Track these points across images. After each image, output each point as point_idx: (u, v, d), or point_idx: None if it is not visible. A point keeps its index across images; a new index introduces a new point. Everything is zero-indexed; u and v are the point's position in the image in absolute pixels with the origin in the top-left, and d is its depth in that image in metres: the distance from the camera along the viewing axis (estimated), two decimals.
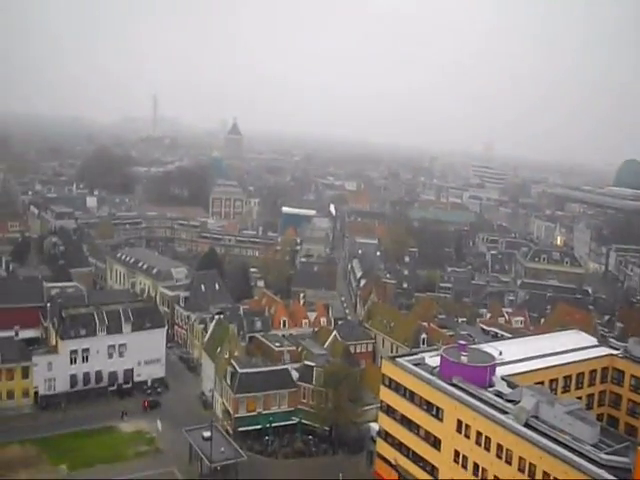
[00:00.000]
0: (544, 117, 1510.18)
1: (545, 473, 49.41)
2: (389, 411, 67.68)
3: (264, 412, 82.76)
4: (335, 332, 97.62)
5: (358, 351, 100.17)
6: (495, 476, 54.14)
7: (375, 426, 72.55)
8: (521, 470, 51.58)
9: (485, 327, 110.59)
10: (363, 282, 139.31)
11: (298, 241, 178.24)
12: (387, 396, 68.03)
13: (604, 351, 75.27)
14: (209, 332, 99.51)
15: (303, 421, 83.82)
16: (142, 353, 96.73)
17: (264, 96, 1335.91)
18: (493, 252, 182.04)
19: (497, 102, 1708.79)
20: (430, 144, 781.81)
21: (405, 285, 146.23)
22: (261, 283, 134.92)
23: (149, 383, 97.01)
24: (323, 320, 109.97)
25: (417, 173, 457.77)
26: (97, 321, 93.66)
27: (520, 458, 51.85)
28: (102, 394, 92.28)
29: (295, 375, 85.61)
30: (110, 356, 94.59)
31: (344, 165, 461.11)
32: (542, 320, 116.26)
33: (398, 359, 68.89)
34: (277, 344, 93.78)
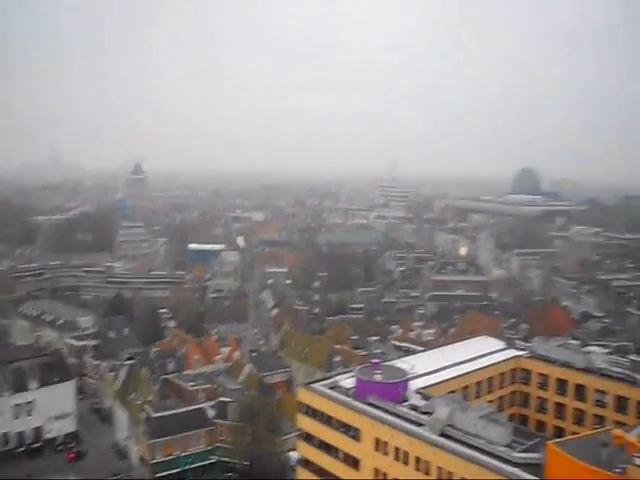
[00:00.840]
0: (446, 134, 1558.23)
1: (462, 479, 49.96)
2: (307, 438, 66.93)
3: (182, 455, 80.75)
4: (249, 365, 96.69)
5: (274, 381, 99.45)
6: None
7: (295, 455, 71.73)
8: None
9: (397, 343, 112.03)
10: (275, 312, 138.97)
11: (207, 277, 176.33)
12: (305, 423, 67.31)
13: (511, 353, 77.17)
14: (120, 379, 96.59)
15: (222, 459, 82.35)
16: (51, 409, 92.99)
17: (169, 134, 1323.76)
18: (401, 269, 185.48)
19: (402, 121, 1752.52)
20: (337, 169, 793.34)
21: (317, 310, 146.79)
22: (172, 323, 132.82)
23: (60, 439, 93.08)
24: (236, 354, 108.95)
25: (324, 198, 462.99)
26: (1, 380, 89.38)
27: (439, 468, 52.13)
28: (9, 457, 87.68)
29: (211, 413, 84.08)
30: (16, 416, 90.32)
31: (252, 196, 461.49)
32: (452, 330, 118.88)
33: (313, 385, 68.33)
34: (191, 384, 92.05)
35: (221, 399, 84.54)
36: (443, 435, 53.38)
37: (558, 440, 48.62)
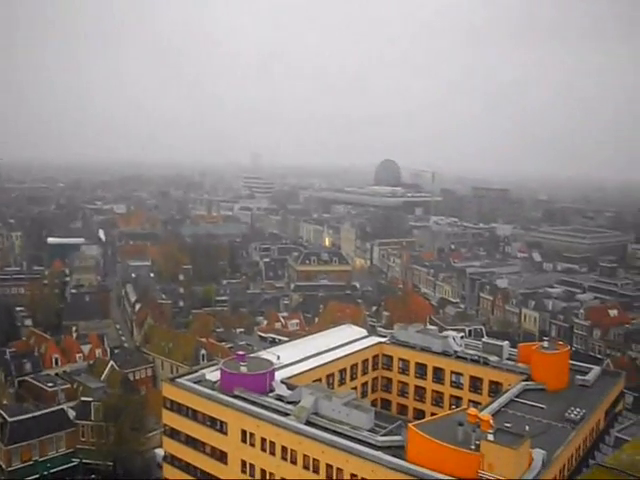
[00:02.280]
0: (311, 124, 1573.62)
1: (328, 465, 50.97)
2: (173, 434, 65.89)
3: (41, 459, 77.13)
4: (112, 362, 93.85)
5: (138, 378, 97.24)
6: (282, 478, 54.88)
7: (161, 452, 70.50)
8: (306, 467, 52.72)
9: (263, 334, 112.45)
10: (138, 306, 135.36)
11: (67, 272, 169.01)
12: (170, 419, 66.19)
13: (373, 340, 79.44)
14: None
15: (85, 461, 79.39)
16: None
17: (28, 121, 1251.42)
18: (266, 260, 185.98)
19: (269, 111, 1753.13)
20: (202, 157, 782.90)
21: (181, 303, 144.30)
22: (29, 322, 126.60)
23: None
24: (98, 351, 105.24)
25: (188, 189, 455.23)
26: None
27: (304, 456, 52.96)
28: None
29: (72, 414, 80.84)
30: None
31: (113, 188, 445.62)
32: (316, 319, 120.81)
33: (178, 379, 67.23)
34: (50, 384, 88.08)
35: (83, 399, 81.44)
36: (308, 423, 54.18)
37: (418, 422, 50.65)
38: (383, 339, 79.30)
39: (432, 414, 65.96)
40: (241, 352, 69.31)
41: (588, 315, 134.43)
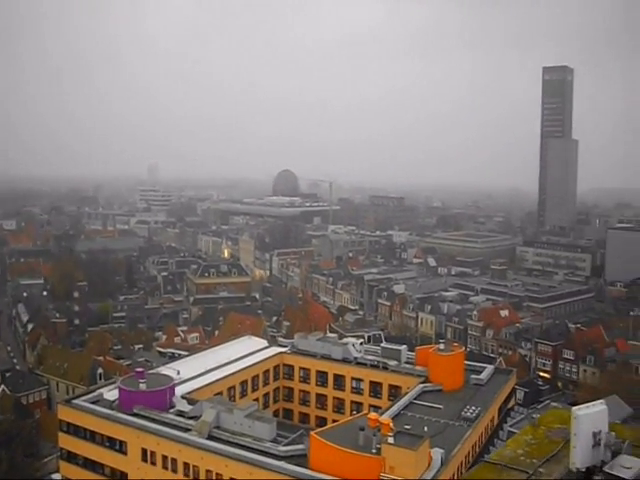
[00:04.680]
0: (208, 136, 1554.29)
1: (231, 479, 50.79)
2: (70, 457, 63.67)
3: None
4: (2, 386, 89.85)
5: (31, 401, 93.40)
6: None
7: (58, 477, 68.08)
8: None
9: (162, 350, 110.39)
10: (30, 326, 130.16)
11: None
12: (67, 442, 63.99)
13: (274, 350, 79.61)
14: None
15: None
16: None
17: None
18: (164, 274, 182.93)
19: (160, 124, 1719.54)
20: (94, 171, 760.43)
21: (77, 321, 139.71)
22: None
23: None
24: None
25: (82, 204, 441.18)
26: None
27: (207, 471, 52.47)
28: None
29: None
30: None
31: (2, 203, 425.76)
32: (216, 332, 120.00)
33: (74, 401, 65.09)
34: None
35: None
36: (210, 438, 53.76)
37: (320, 429, 51.25)
38: (284, 349, 79.59)
39: (334, 421, 66.68)
40: (140, 369, 67.84)
41: (481, 316, 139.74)
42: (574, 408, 8.09)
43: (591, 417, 7.83)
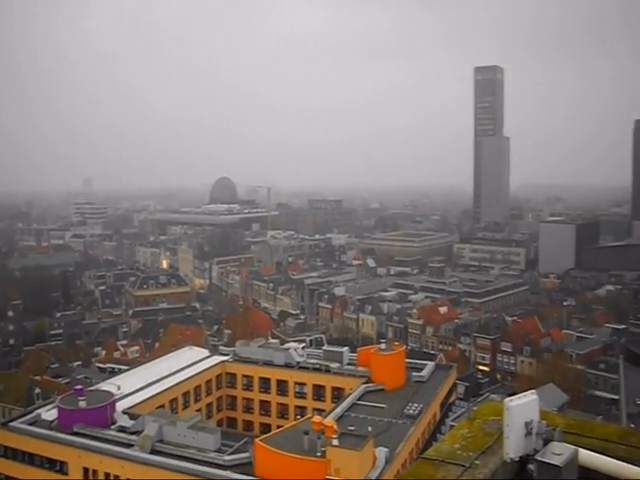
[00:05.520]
0: (143, 146, 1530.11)
1: None
2: None
3: None
4: None
5: None
6: None
7: None
8: None
9: (101, 365, 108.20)
10: None
11: None
12: (4, 466, 61.94)
13: (216, 359, 79.08)
14: None
15: None
16: None
17: None
18: (102, 288, 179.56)
19: (93, 137, 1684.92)
20: (25, 186, 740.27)
21: (12, 341, 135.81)
22: None
23: None
24: None
25: (14, 220, 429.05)
26: None
27: None
28: None
29: None
30: None
31: None
32: (157, 344, 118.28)
33: (11, 423, 63.23)
34: None
35: None
36: (154, 452, 52.94)
37: (264, 436, 51.01)
38: (226, 357, 79.16)
39: (278, 427, 66.50)
40: (78, 386, 66.41)
41: (420, 314, 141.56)
42: (506, 399, 8.17)
43: (523, 407, 7.90)
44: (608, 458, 7.30)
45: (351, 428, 50.11)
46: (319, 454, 44.96)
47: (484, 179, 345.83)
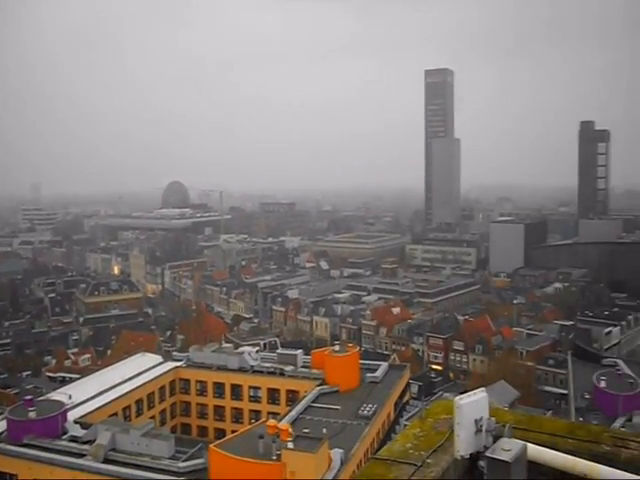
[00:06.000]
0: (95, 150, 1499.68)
1: None
2: None
3: None
4: None
5: None
6: None
7: None
8: None
9: (52, 374, 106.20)
10: None
11: None
12: None
13: (169, 365, 78.32)
14: None
15: None
16: None
17: None
18: (51, 295, 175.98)
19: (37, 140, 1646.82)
20: None
21: None
22: None
23: None
24: None
25: None
26: None
27: None
28: None
29: None
30: None
31: None
32: (109, 352, 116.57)
33: None
34: None
35: None
36: (107, 461, 52.17)
37: (219, 441, 50.65)
38: (179, 363, 78.49)
39: (233, 431, 65.98)
40: (28, 397, 65.10)
41: (374, 315, 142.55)
42: (457, 398, 8.27)
43: (472, 405, 8.01)
44: (556, 452, 7.44)
45: (306, 431, 50.14)
46: (274, 458, 44.86)
47: (435, 180, 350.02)
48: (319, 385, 66.22)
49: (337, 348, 70.65)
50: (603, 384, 66.40)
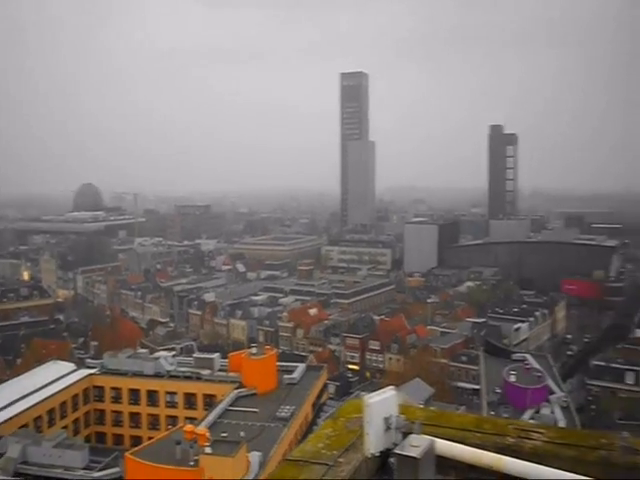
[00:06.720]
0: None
1: None
2: None
3: None
4: None
5: None
6: None
7: None
8: None
9: None
10: None
11: None
12: None
13: (82, 373, 76.60)
14: None
15: None
16: None
17: None
18: None
19: None
20: None
21: None
22: None
23: None
24: None
25: None
26: None
27: None
28: None
29: None
30: None
31: None
32: (19, 361, 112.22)
33: None
34: None
35: None
36: (17, 474, 50.53)
37: (135, 449, 49.83)
38: (93, 370, 76.70)
39: (149, 438, 65.12)
40: None
41: (291, 317, 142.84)
42: (366, 397, 8.44)
43: (381, 403, 8.21)
44: (464, 446, 7.71)
45: (224, 435, 49.95)
46: (192, 463, 44.56)
47: (351, 182, 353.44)
48: (237, 388, 66.07)
49: (254, 351, 70.55)
50: (512, 378, 68.83)
